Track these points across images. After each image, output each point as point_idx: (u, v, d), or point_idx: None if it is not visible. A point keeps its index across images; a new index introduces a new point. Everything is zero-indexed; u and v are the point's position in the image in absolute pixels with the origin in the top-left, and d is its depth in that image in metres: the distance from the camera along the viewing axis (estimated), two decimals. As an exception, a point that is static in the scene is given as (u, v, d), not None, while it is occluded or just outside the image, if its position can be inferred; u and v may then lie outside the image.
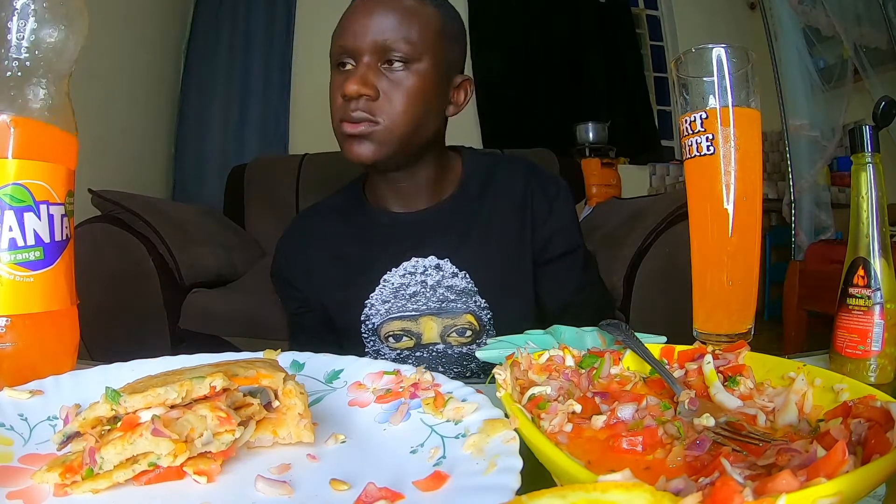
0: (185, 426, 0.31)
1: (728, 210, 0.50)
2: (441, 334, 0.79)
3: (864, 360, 0.48)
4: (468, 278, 0.79)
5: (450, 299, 0.79)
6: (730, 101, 0.49)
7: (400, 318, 0.79)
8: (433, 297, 0.79)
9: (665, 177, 3.46)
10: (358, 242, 0.83)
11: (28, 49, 0.44)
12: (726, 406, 0.36)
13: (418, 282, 0.79)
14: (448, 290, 0.79)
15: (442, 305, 0.79)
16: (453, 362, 0.80)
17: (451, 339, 0.79)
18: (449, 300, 0.79)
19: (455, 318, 0.79)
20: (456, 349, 0.80)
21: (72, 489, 0.29)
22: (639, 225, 1.76)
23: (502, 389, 0.34)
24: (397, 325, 0.79)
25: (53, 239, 0.45)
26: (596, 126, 3.27)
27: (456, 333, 0.79)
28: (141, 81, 2.71)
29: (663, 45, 3.57)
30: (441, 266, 0.79)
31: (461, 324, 0.79)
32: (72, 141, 0.48)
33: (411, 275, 0.80)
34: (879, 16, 2.43)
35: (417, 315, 0.79)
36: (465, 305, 0.79)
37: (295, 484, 0.31)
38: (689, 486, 0.23)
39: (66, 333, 0.47)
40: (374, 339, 0.81)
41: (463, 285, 0.79)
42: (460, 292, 0.79)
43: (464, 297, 0.79)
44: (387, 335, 0.80)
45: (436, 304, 0.79)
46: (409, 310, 0.79)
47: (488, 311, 0.79)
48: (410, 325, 0.79)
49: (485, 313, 0.79)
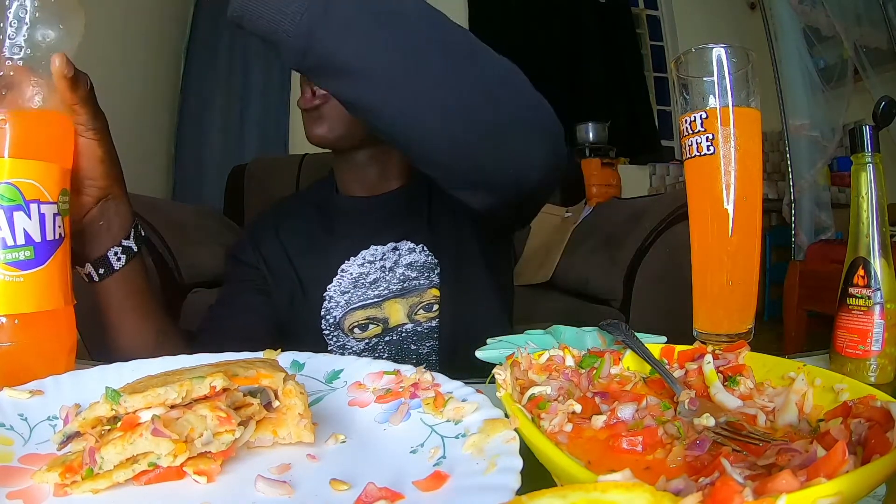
0: (185, 426, 0.31)
1: (728, 210, 0.50)
2: (408, 314, 0.77)
3: (864, 360, 0.48)
4: (426, 251, 0.78)
5: (411, 277, 0.78)
6: (730, 101, 0.49)
7: (363, 307, 0.77)
8: (393, 280, 0.78)
9: (665, 177, 3.47)
10: (322, 230, 0.82)
11: (23, 48, 0.44)
12: (726, 406, 0.36)
13: (377, 269, 0.78)
14: (407, 268, 0.78)
15: (404, 286, 0.77)
16: (424, 337, 0.78)
17: (418, 316, 0.78)
18: (410, 279, 0.78)
19: (420, 294, 0.77)
20: (425, 325, 0.78)
21: (72, 489, 0.29)
22: (639, 225, 1.76)
23: (502, 389, 0.34)
24: (360, 314, 0.78)
25: (45, 238, 0.45)
26: (596, 126, 3.27)
27: (423, 310, 0.78)
28: (141, 82, 2.71)
29: (663, 45, 3.57)
30: (398, 247, 0.78)
31: (427, 299, 0.77)
32: (67, 139, 0.47)
33: (370, 263, 0.78)
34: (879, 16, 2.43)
35: (380, 300, 0.77)
36: (428, 280, 0.78)
37: (295, 484, 0.31)
38: (689, 486, 0.23)
39: (60, 333, 0.47)
40: (336, 333, 0.78)
41: (423, 260, 0.78)
42: (421, 267, 0.78)
43: (426, 272, 0.78)
44: (351, 326, 0.78)
45: (397, 286, 0.77)
46: (371, 297, 0.78)
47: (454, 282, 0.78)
48: (375, 311, 0.77)
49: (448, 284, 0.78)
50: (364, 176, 0.82)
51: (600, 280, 1.81)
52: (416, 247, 0.78)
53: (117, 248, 0.60)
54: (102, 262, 0.59)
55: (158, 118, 2.92)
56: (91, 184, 0.56)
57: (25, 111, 0.45)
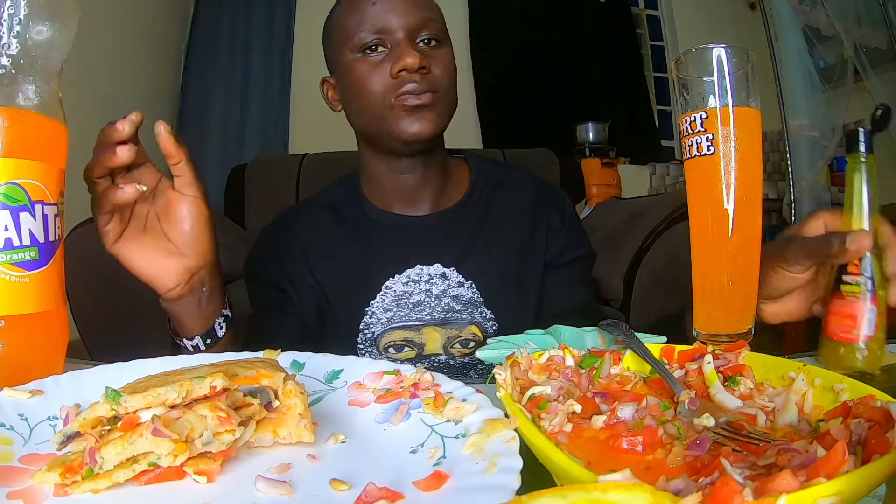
0: (185, 426, 0.31)
1: (728, 210, 0.50)
2: (444, 345, 0.77)
3: (856, 343, 0.50)
4: (474, 288, 0.77)
5: (455, 310, 0.77)
6: (730, 101, 0.49)
7: (402, 328, 0.77)
8: (438, 307, 0.77)
9: (665, 177, 3.46)
10: (356, 244, 0.79)
11: (18, 47, 0.43)
12: (726, 406, 0.36)
13: (422, 290, 0.77)
14: (453, 300, 0.77)
15: (447, 316, 0.77)
16: (455, 373, 0.78)
17: (454, 350, 0.77)
18: (454, 311, 0.77)
19: (460, 329, 0.77)
20: (458, 360, 0.78)
21: (72, 489, 0.29)
22: (639, 225, 1.76)
23: (502, 389, 0.34)
24: (399, 334, 0.77)
25: (48, 239, 0.45)
26: (596, 126, 3.27)
27: (459, 344, 0.77)
28: (141, 81, 2.71)
29: (663, 45, 3.57)
30: (447, 275, 0.77)
31: (465, 335, 0.77)
32: (63, 140, 0.47)
33: (415, 283, 0.77)
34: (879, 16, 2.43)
35: (421, 325, 0.76)
36: (471, 316, 0.77)
37: (295, 484, 0.31)
38: (689, 486, 0.23)
39: (57, 334, 0.47)
40: (370, 349, 0.78)
41: (469, 296, 0.77)
42: (466, 303, 0.77)
43: (469, 308, 0.77)
44: (387, 345, 0.77)
45: (440, 315, 0.77)
46: (413, 319, 0.77)
47: (494, 323, 0.77)
48: (413, 335, 0.77)
49: (490, 324, 0.77)
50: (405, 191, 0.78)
51: (600, 280, 1.81)
52: (466, 282, 0.77)
53: (220, 319, 0.60)
54: (209, 333, 0.60)
55: (158, 118, 2.91)
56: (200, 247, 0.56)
57: (25, 111, 0.44)
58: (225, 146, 3.01)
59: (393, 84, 0.70)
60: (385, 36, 0.70)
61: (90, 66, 2.05)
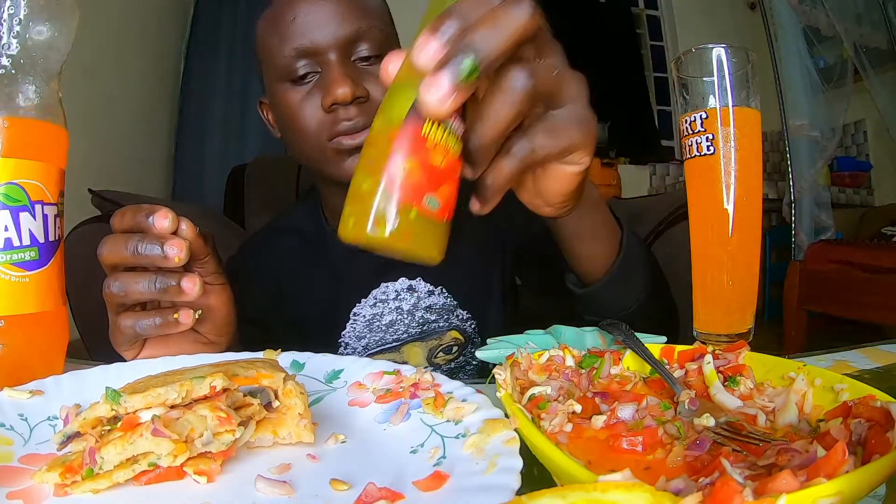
0: (185, 426, 0.31)
1: (728, 210, 0.50)
2: (427, 357, 0.74)
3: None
4: (446, 293, 0.74)
5: (430, 321, 0.73)
6: (730, 101, 0.49)
7: (380, 352, 0.73)
8: (412, 323, 0.73)
9: (665, 177, 3.47)
10: (323, 267, 0.74)
11: (18, 47, 0.43)
12: (726, 406, 0.36)
13: (392, 309, 0.73)
14: (427, 311, 0.73)
15: (423, 329, 0.73)
16: None
17: (437, 360, 0.75)
18: (429, 322, 0.73)
19: (440, 337, 0.74)
20: (444, 367, 0.75)
21: (72, 489, 0.29)
22: (639, 225, 1.76)
23: (502, 389, 0.34)
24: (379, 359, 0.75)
25: (48, 239, 0.45)
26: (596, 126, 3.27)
27: (442, 353, 0.74)
28: (141, 82, 2.71)
29: (663, 45, 3.57)
30: (414, 287, 0.73)
31: (447, 342, 0.74)
32: (62, 140, 0.47)
33: (383, 303, 0.72)
34: (879, 16, 2.43)
35: (399, 344, 0.73)
36: (448, 322, 0.74)
37: (295, 484, 0.31)
38: (689, 486, 0.23)
39: (57, 334, 0.47)
40: None
41: (442, 302, 0.74)
42: (441, 310, 0.73)
43: (445, 314, 0.74)
44: None
45: (416, 330, 0.73)
46: (389, 341, 0.73)
47: (472, 322, 0.75)
48: (393, 356, 0.73)
49: (468, 324, 0.75)
50: None
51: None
52: (435, 289, 0.73)
53: None
54: None
55: (158, 118, 2.92)
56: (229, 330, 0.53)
57: (25, 111, 0.44)
58: (225, 146, 3.02)
59: (327, 120, 0.60)
60: (313, 58, 0.60)
61: (90, 66, 2.05)
